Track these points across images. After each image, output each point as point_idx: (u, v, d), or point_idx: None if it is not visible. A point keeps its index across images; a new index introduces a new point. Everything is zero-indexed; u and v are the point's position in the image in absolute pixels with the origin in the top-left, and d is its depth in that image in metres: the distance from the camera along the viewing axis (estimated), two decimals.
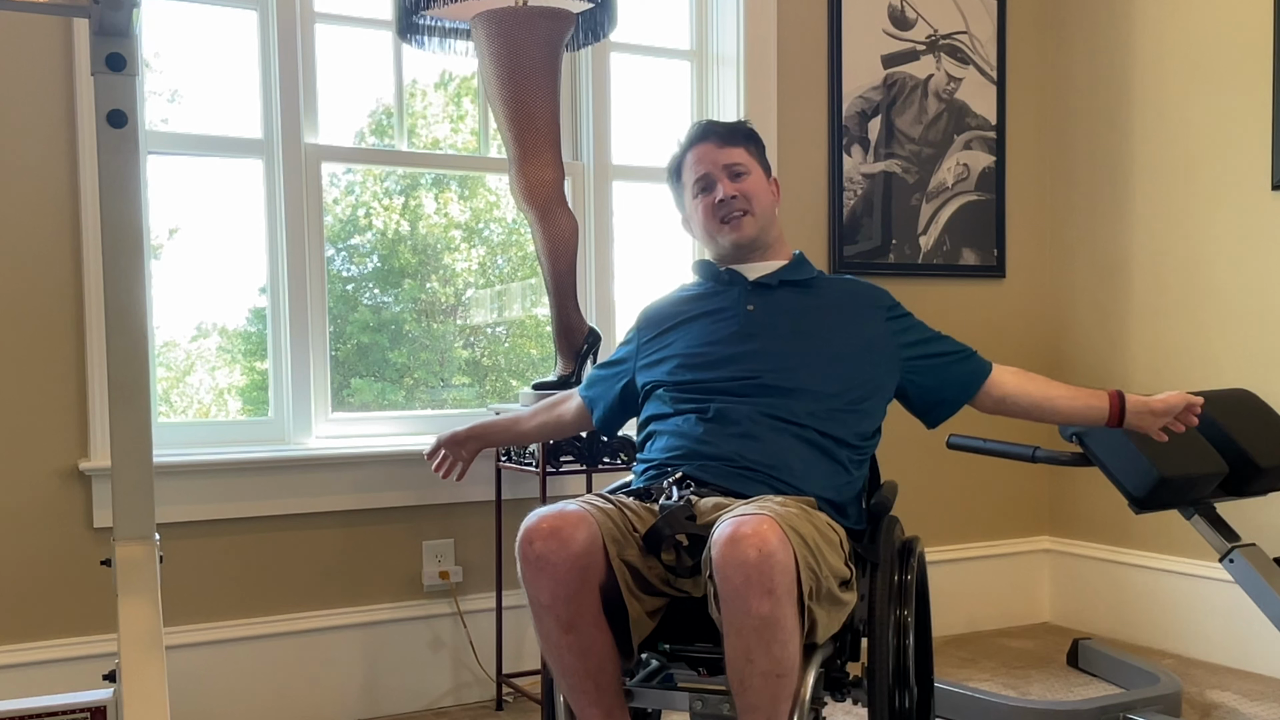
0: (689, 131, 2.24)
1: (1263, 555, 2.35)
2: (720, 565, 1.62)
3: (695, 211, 2.19)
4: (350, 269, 3.14)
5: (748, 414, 1.99)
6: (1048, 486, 3.84)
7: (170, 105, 2.86)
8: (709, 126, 2.22)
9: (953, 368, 2.16)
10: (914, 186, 3.58)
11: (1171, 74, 3.40)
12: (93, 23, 1.68)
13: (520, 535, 1.75)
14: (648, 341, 2.21)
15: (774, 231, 2.20)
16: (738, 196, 2.14)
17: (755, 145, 2.22)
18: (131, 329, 1.76)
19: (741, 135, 2.20)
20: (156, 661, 1.63)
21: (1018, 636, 3.63)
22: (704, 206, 2.17)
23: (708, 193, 2.16)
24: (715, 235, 2.17)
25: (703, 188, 2.17)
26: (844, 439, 2.02)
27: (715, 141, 2.18)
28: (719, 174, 2.15)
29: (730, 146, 2.17)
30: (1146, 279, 3.49)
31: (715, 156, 2.16)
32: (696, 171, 2.18)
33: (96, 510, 2.63)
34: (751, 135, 2.23)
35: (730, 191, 2.13)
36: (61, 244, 2.61)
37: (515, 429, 2.40)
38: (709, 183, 2.16)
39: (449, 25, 2.84)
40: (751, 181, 2.16)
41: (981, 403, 2.17)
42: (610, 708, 1.80)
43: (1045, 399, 2.14)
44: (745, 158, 2.17)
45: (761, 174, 2.20)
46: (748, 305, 2.12)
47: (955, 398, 2.15)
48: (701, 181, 2.17)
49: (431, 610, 2.97)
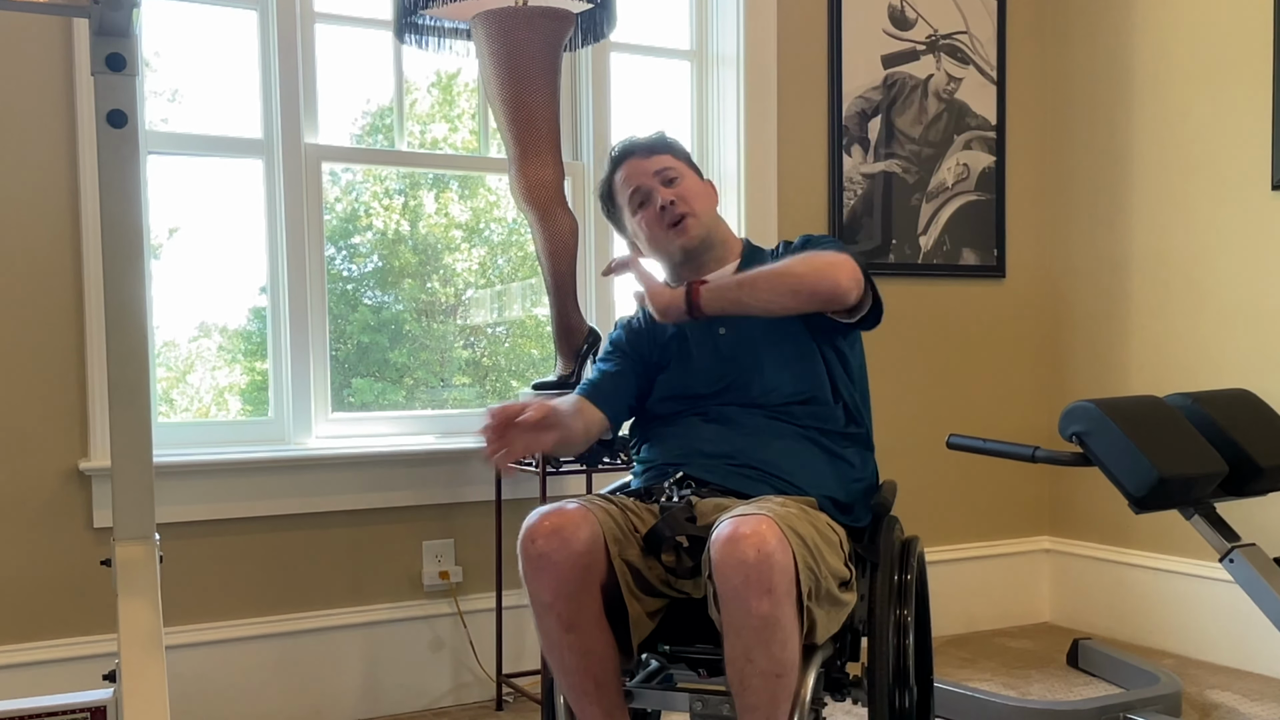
0: (610, 157, 2.21)
1: (1263, 555, 2.35)
2: (719, 565, 1.63)
3: (639, 227, 2.15)
4: (350, 269, 3.14)
5: (748, 417, 1.99)
6: (1048, 486, 3.84)
7: (170, 105, 2.86)
8: (628, 145, 2.18)
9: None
10: (914, 186, 3.58)
11: (1171, 74, 3.40)
12: (93, 23, 1.68)
13: (522, 534, 1.75)
14: (635, 353, 2.16)
15: (720, 230, 2.17)
16: (676, 200, 2.09)
17: (680, 152, 2.19)
18: (131, 329, 1.76)
19: (663, 145, 2.17)
20: (156, 661, 1.63)
21: (1018, 636, 3.63)
22: (646, 219, 2.12)
23: (646, 205, 2.12)
24: (664, 244, 2.12)
25: (640, 201, 2.13)
26: (844, 430, 2.02)
27: (639, 155, 2.15)
28: (652, 183, 2.11)
29: (655, 155, 2.14)
30: (1146, 278, 3.49)
31: (644, 168, 2.13)
32: (629, 187, 2.14)
33: (96, 510, 2.63)
34: (673, 143, 2.20)
35: (668, 197, 2.09)
36: (61, 244, 2.61)
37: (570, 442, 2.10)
38: (645, 194, 2.12)
39: (449, 25, 2.84)
40: (686, 185, 2.12)
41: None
42: (610, 708, 1.80)
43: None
44: (673, 162, 2.14)
45: (694, 176, 2.17)
46: (719, 329, 2.07)
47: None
48: (637, 196, 2.13)
49: (431, 610, 2.97)
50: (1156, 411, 2.35)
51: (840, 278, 1.92)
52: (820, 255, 1.97)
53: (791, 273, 1.94)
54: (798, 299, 1.93)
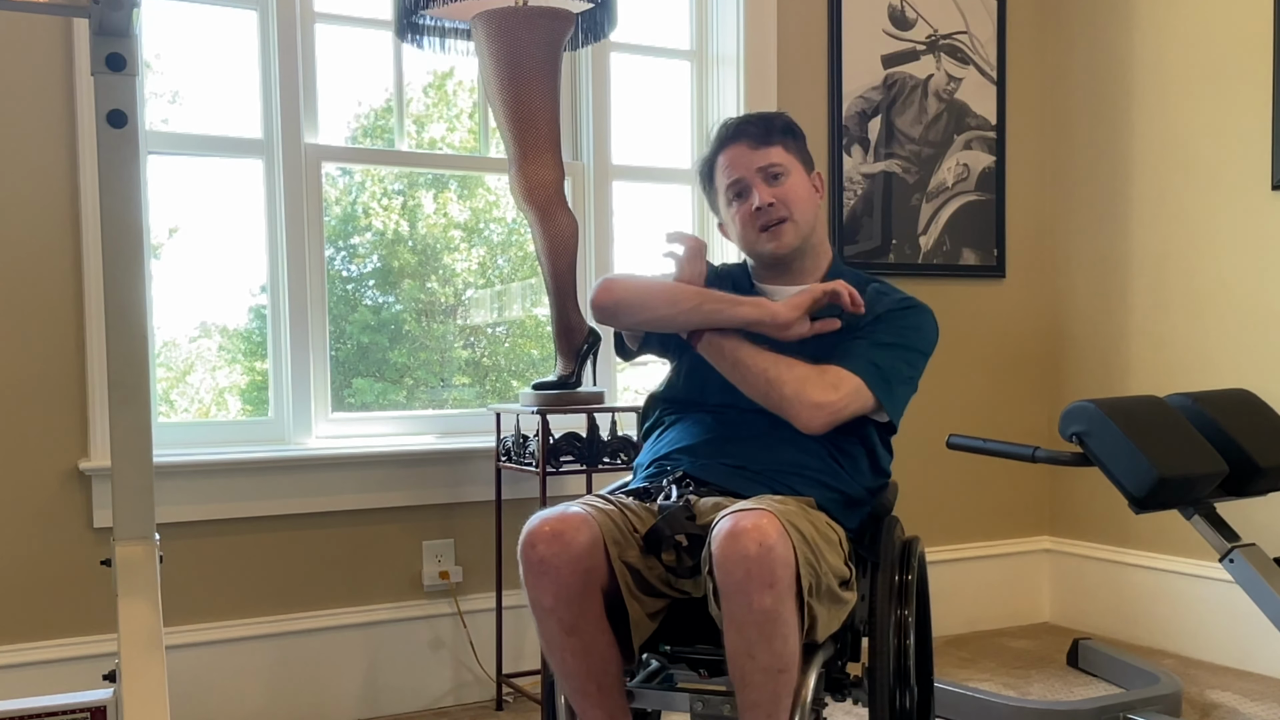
0: (719, 130, 2.08)
1: (1263, 555, 2.35)
2: (721, 560, 1.62)
3: (732, 219, 2.06)
4: (350, 269, 3.14)
5: (752, 419, 1.98)
6: (1048, 486, 3.84)
7: (170, 105, 2.85)
8: (741, 126, 2.05)
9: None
10: (914, 186, 3.58)
11: (1171, 74, 3.40)
12: (93, 23, 1.68)
13: (522, 539, 1.74)
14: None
15: (815, 238, 2.07)
16: (775, 203, 1.99)
17: (794, 139, 2.06)
18: (131, 329, 1.76)
19: (778, 130, 2.04)
20: (156, 661, 1.63)
21: (1018, 636, 3.63)
22: (740, 215, 2.03)
23: (742, 199, 2.03)
24: (754, 245, 2.04)
25: (737, 193, 2.03)
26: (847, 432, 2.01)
27: (748, 142, 2.02)
28: (754, 178, 2.01)
29: (765, 146, 2.02)
30: (1146, 279, 3.49)
31: (749, 159, 2.02)
32: (729, 176, 2.03)
33: (96, 510, 2.63)
34: (789, 128, 2.07)
35: (767, 199, 1.99)
36: (61, 244, 2.60)
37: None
38: (743, 188, 2.02)
39: (449, 25, 2.84)
40: (791, 184, 2.01)
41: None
42: (613, 710, 1.80)
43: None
44: (783, 157, 2.02)
45: (802, 172, 2.05)
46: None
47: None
48: (735, 187, 2.03)
49: (431, 610, 2.97)
50: (1156, 411, 2.35)
51: (814, 420, 1.88)
52: (822, 379, 1.89)
53: (778, 386, 1.89)
54: (769, 405, 1.92)
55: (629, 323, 2.02)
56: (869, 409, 1.94)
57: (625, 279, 2.03)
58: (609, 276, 2.04)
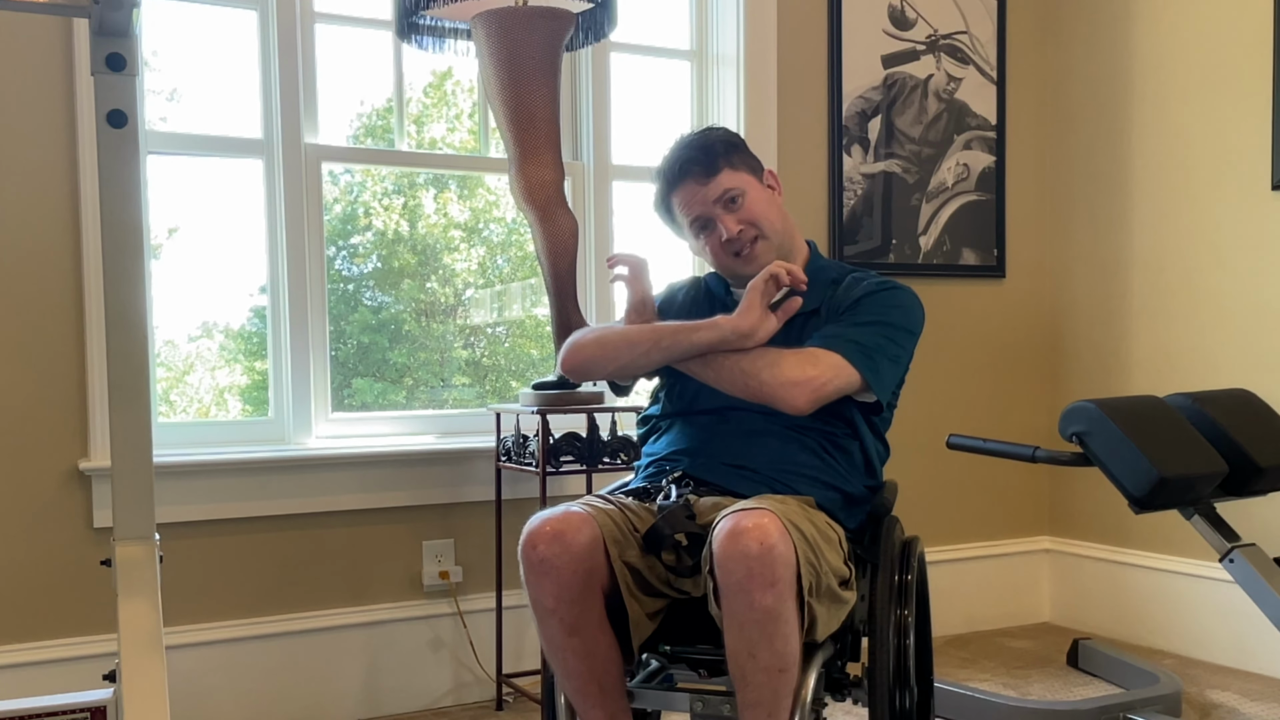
0: (662, 173, 2.05)
1: (1263, 555, 2.35)
2: (722, 559, 1.62)
3: (703, 250, 2.06)
4: (350, 269, 3.14)
5: (746, 417, 1.98)
6: (1048, 486, 3.84)
7: (170, 105, 2.85)
8: (684, 166, 2.01)
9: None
10: (914, 186, 3.58)
11: (1171, 74, 3.40)
12: (93, 23, 1.68)
13: (523, 539, 1.74)
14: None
15: (788, 236, 2.07)
16: (743, 228, 1.99)
17: (738, 152, 2.04)
18: (131, 329, 1.76)
19: (720, 153, 2.01)
20: (156, 661, 1.63)
21: (1018, 636, 3.63)
22: (711, 247, 2.03)
23: (709, 230, 2.02)
24: (733, 270, 2.04)
25: (702, 226, 2.03)
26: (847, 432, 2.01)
27: (695, 180, 2.00)
28: (713, 211, 2.00)
29: (713, 176, 1.99)
30: (1146, 279, 3.49)
31: (703, 195, 2.00)
32: (688, 214, 2.03)
33: (96, 510, 2.63)
34: (729, 144, 2.04)
35: (734, 228, 1.99)
36: (61, 244, 2.60)
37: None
38: (706, 221, 2.02)
39: (449, 25, 2.83)
40: (750, 202, 2.00)
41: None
42: (614, 710, 1.80)
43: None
44: (733, 179, 2.00)
45: (755, 183, 2.04)
46: None
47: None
48: (698, 223, 2.03)
49: (431, 610, 2.97)
50: (1156, 411, 2.35)
51: (797, 398, 1.85)
52: (798, 357, 1.88)
53: (754, 374, 1.88)
54: (752, 397, 1.90)
55: (602, 375, 2.06)
56: (855, 387, 1.91)
57: (585, 337, 2.05)
58: (573, 338, 2.07)
